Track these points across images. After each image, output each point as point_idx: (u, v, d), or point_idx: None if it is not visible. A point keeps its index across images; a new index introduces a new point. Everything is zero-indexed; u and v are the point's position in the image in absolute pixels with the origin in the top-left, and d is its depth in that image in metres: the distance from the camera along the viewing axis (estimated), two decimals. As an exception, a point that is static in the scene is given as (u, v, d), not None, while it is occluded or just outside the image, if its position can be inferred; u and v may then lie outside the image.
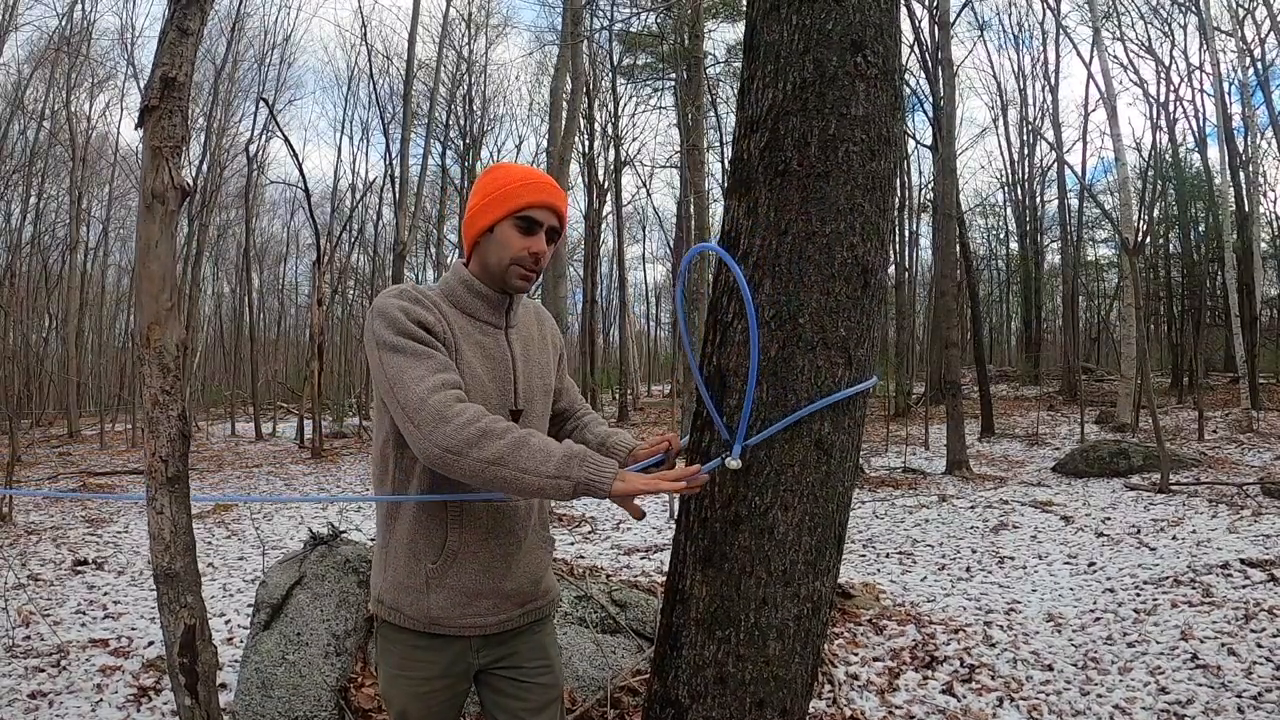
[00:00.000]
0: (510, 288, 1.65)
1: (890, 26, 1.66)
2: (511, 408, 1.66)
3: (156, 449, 1.57)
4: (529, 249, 1.62)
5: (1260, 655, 3.90)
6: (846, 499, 1.65)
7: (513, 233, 1.62)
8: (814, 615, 1.61)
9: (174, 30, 1.51)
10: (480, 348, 1.64)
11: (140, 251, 1.54)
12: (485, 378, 1.62)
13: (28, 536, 7.52)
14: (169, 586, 1.66)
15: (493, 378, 1.64)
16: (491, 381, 1.63)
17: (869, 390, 1.65)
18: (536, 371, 1.73)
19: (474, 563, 1.63)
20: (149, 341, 1.51)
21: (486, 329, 1.67)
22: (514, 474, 1.38)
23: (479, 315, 1.66)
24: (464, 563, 1.62)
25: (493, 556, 1.64)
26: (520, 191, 1.62)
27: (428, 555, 1.61)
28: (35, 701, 3.55)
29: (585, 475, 1.38)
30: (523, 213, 1.62)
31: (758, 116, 1.64)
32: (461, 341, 1.61)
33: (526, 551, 1.70)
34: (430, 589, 1.62)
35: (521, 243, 1.62)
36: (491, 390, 1.62)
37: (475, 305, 1.66)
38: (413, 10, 16.34)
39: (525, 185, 1.63)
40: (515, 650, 1.71)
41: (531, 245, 1.62)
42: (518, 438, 1.41)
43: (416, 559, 1.62)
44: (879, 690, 3.74)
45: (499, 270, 1.64)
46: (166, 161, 1.49)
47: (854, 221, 1.56)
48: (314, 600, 3.33)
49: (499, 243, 1.63)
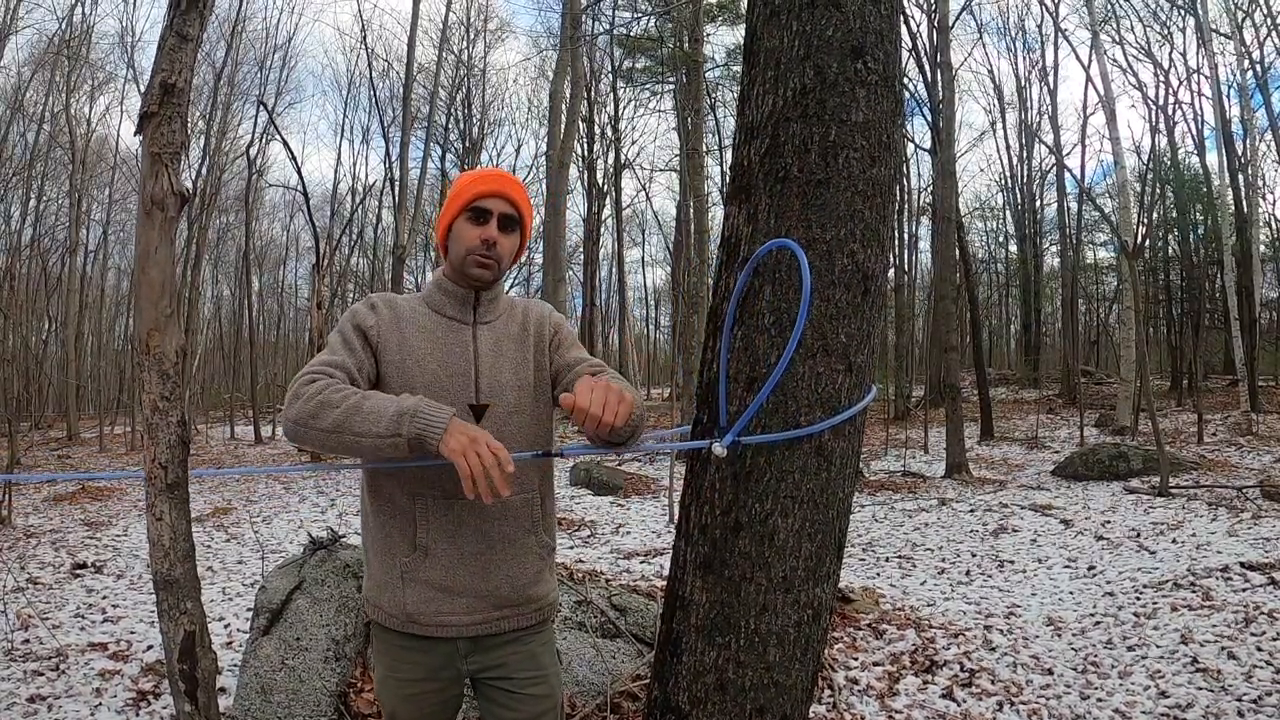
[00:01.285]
0: (471, 279, 1.71)
1: (891, 32, 1.66)
2: (471, 402, 1.66)
3: (156, 455, 1.57)
4: (480, 236, 1.69)
5: (1260, 659, 3.90)
6: (846, 505, 1.65)
7: (466, 225, 1.71)
8: (814, 622, 1.61)
9: (173, 36, 1.51)
10: (440, 343, 1.69)
11: (139, 258, 1.54)
12: (440, 372, 1.65)
13: (27, 539, 7.52)
14: (169, 593, 1.66)
15: (449, 372, 1.66)
16: (447, 376, 1.66)
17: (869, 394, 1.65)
18: (508, 366, 1.72)
19: (445, 558, 1.63)
20: (148, 348, 1.51)
21: (452, 324, 1.72)
22: (352, 439, 1.42)
23: (445, 311, 1.73)
24: (435, 558, 1.63)
25: (463, 553, 1.63)
26: (469, 185, 1.72)
27: (401, 550, 1.64)
28: (34, 705, 3.54)
29: (416, 429, 1.38)
30: (472, 204, 1.70)
31: (758, 123, 1.64)
32: (415, 340, 1.67)
33: (505, 553, 1.67)
34: (405, 584, 1.63)
35: (473, 232, 1.69)
36: (446, 384, 1.65)
37: (443, 302, 1.73)
38: (412, 14, 16.37)
39: (474, 179, 1.73)
40: (504, 661, 1.70)
41: (483, 233, 1.69)
42: (353, 403, 1.43)
43: (391, 554, 1.65)
44: (879, 695, 3.74)
45: (459, 264, 1.71)
46: (166, 168, 1.49)
47: (854, 228, 1.56)
48: (313, 605, 3.32)
49: (456, 237, 1.72)
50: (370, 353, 1.64)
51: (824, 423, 1.53)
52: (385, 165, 19.39)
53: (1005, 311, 37.37)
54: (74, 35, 21.60)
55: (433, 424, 1.38)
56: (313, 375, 1.52)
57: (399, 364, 1.64)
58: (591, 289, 26.47)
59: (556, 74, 11.58)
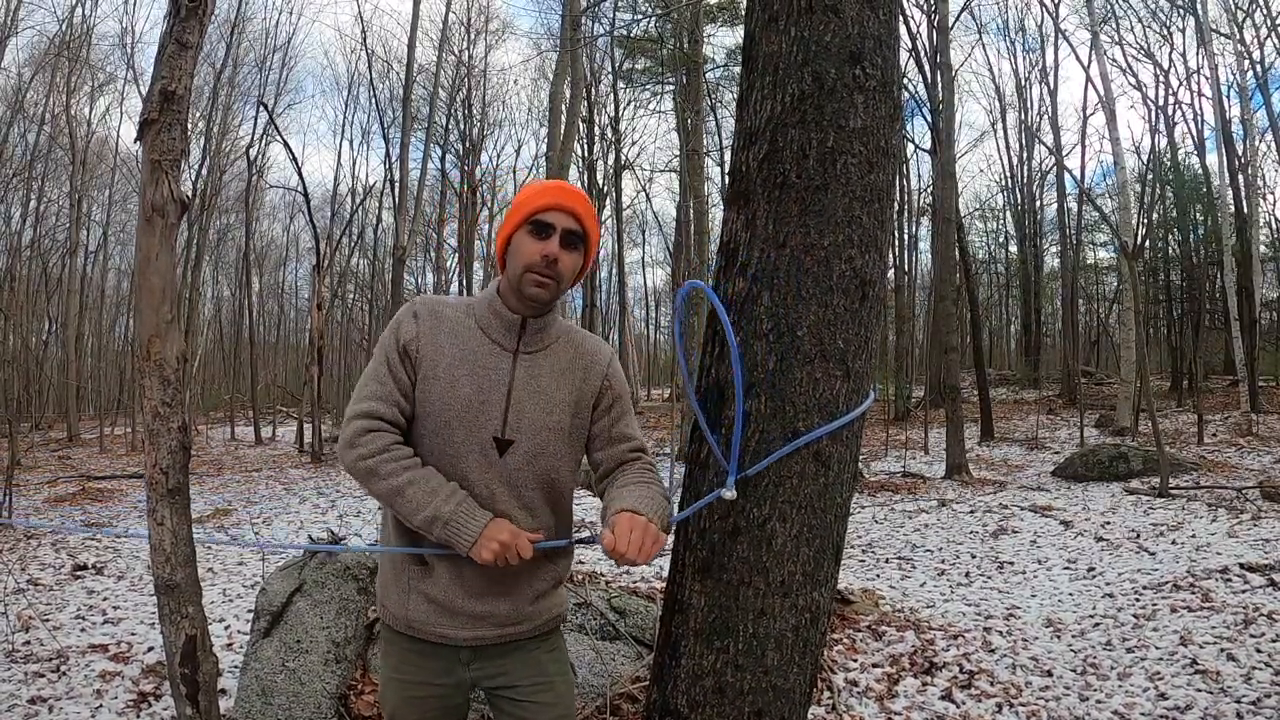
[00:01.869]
0: (526, 296, 1.62)
1: (889, 38, 1.67)
2: (496, 434, 1.60)
3: (157, 460, 1.57)
4: (541, 251, 1.59)
5: (1260, 660, 3.90)
6: (845, 510, 1.65)
7: (526, 239, 1.61)
8: (812, 625, 1.62)
9: (173, 43, 1.52)
10: (477, 367, 1.62)
11: (140, 264, 1.55)
12: (472, 398, 1.60)
13: (27, 541, 7.52)
14: (170, 597, 1.67)
15: (480, 400, 1.61)
16: (478, 404, 1.60)
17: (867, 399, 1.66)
18: (542, 405, 1.64)
19: (448, 579, 1.63)
20: (149, 354, 1.51)
21: (494, 349, 1.64)
22: (396, 512, 1.56)
23: (491, 333, 1.65)
24: (439, 575, 1.63)
25: (463, 578, 1.62)
26: (533, 198, 1.63)
27: (410, 559, 1.65)
28: (35, 707, 3.54)
29: (445, 536, 1.52)
30: (534, 216, 1.61)
31: (756, 128, 1.64)
32: (453, 358, 1.62)
33: (510, 583, 1.66)
34: (410, 592, 1.65)
35: (534, 247, 1.60)
36: (476, 412, 1.60)
37: (490, 323, 1.66)
38: (412, 15, 16.39)
39: (538, 191, 1.64)
40: (506, 669, 1.69)
41: (544, 248, 1.59)
42: (396, 486, 1.52)
43: (402, 561, 1.66)
44: (878, 697, 3.74)
45: (516, 280, 1.62)
46: (166, 175, 1.50)
47: (852, 234, 1.57)
48: (314, 607, 3.33)
49: (515, 251, 1.63)
50: (411, 368, 1.61)
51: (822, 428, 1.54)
52: (385, 166, 19.41)
53: (1005, 312, 37.37)
54: (74, 36, 21.60)
55: (460, 537, 1.51)
56: (365, 425, 1.56)
57: (432, 381, 1.60)
58: (592, 289, 26.43)
59: (556, 75, 11.58)
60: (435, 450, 1.60)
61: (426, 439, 1.61)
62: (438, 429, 1.60)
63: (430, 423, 1.60)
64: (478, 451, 1.60)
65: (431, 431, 1.60)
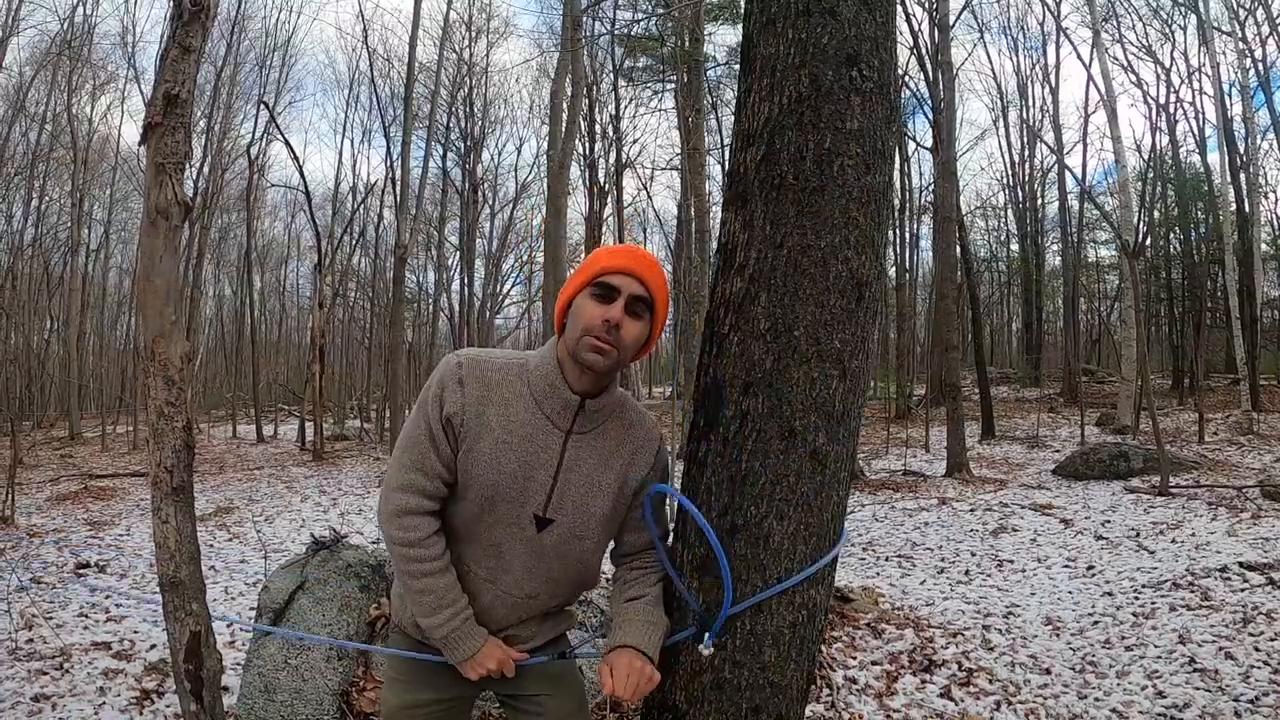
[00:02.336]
0: (583, 362, 1.52)
1: (886, 40, 1.68)
2: (537, 513, 1.58)
3: (161, 459, 1.59)
4: (602, 316, 1.50)
5: (1258, 659, 3.91)
6: (841, 508, 1.67)
7: (589, 301, 1.53)
8: (809, 623, 1.63)
9: (176, 48, 1.53)
10: (526, 442, 1.56)
11: (144, 266, 1.57)
12: (518, 473, 1.56)
13: (30, 539, 7.54)
14: (174, 594, 1.68)
15: (526, 475, 1.56)
16: (524, 479, 1.57)
17: (864, 399, 1.68)
18: (588, 490, 1.60)
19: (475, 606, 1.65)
20: (154, 354, 1.53)
21: (546, 425, 1.57)
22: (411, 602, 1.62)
23: (545, 408, 1.58)
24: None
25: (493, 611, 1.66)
26: (599, 259, 1.56)
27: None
28: (38, 704, 3.56)
29: (442, 646, 1.61)
30: (600, 279, 1.54)
31: (754, 130, 1.66)
32: (500, 431, 1.55)
33: (524, 627, 1.70)
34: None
35: (596, 310, 1.52)
36: (519, 488, 1.56)
37: (547, 398, 1.58)
38: (413, 13, 16.38)
39: (607, 253, 1.57)
40: (518, 678, 1.70)
41: (606, 312, 1.51)
42: (415, 586, 1.58)
43: None
44: (877, 694, 3.75)
45: (574, 344, 1.53)
46: (170, 178, 1.51)
47: (849, 235, 1.58)
48: (316, 605, 3.35)
49: (576, 313, 1.55)
50: (453, 438, 1.55)
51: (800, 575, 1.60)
52: (386, 164, 19.40)
53: (1007, 310, 37.36)
54: (75, 35, 21.62)
55: (455, 653, 1.60)
56: (404, 505, 1.56)
57: (476, 455, 1.55)
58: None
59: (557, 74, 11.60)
60: (472, 518, 1.60)
61: (466, 506, 1.59)
62: (479, 500, 1.57)
63: (472, 493, 1.57)
64: (515, 526, 1.59)
65: (472, 500, 1.58)
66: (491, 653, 1.61)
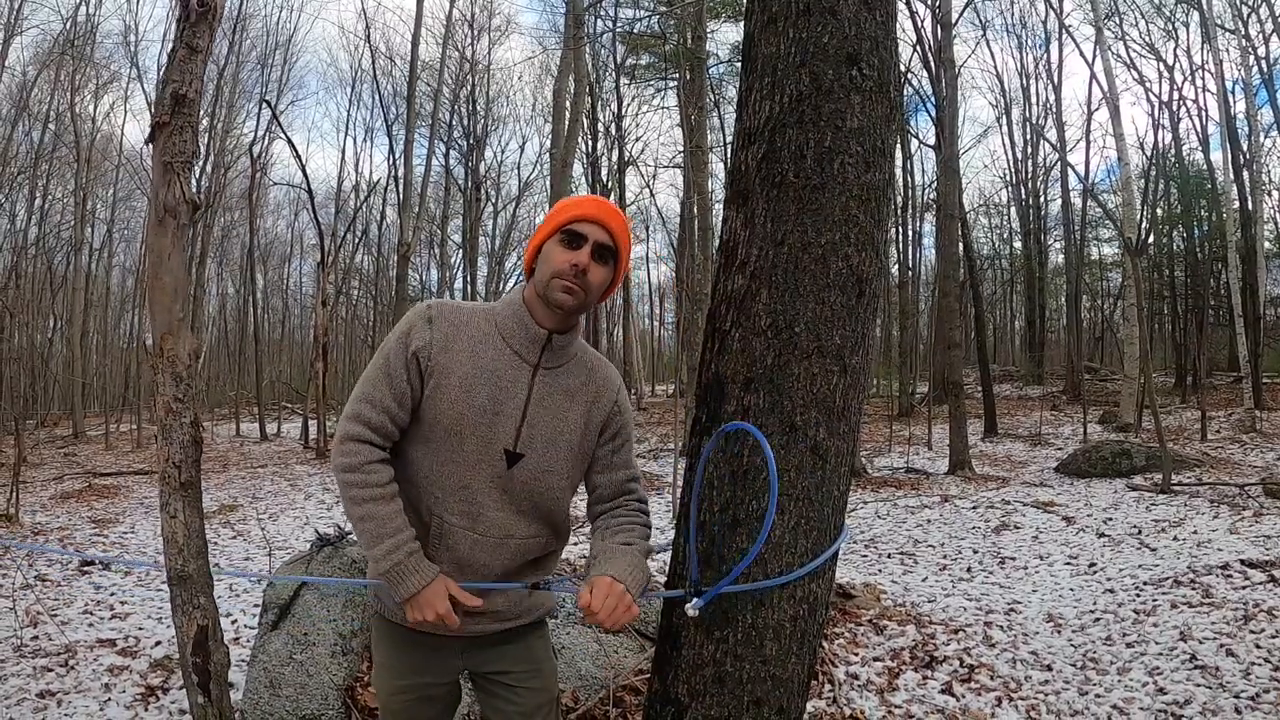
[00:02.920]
0: (553, 303, 1.62)
1: (886, 39, 1.69)
2: (506, 447, 1.63)
3: (170, 455, 1.61)
4: (570, 260, 1.61)
5: (1259, 656, 3.92)
6: (842, 503, 1.68)
7: (557, 248, 1.63)
8: (810, 616, 1.65)
9: (183, 48, 1.55)
10: (496, 376, 1.63)
11: (152, 265, 1.58)
12: (488, 407, 1.62)
13: (34, 537, 7.58)
14: (182, 588, 1.70)
15: (496, 410, 1.62)
16: (493, 414, 1.62)
17: (864, 395, 1.69)
18: (555, 424, 1.67)
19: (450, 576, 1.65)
20: (162, 351, 1.55)
21: (514, 360, 1.65)
22: (357, 535, 1.60)
23: (513, 344, 1.66)
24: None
25: (464, 574, 1.66)
26: (567, 208, 1.66)
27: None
28: (44, 700, 3.58)
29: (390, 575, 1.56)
30: (567, 226, 1.63)
31: (755, 128, 1.67)
32: (470, 365, 1.62)
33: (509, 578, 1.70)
34: None
35: (564, 256, 1.62)
36: (487, 422, 1.62)
37: (514, 333, 1.66)
38: (416, 11, 16.39)
39: (574, 203, 1.67)
40: (503, 655, 1.74)
41: (574, 257, 1.61)
42: (356, 514, 1.57)
43: None
44: (878, 690, 3.77)
45: (544, 287, 1.63)
46: (178, 176, 1.53)
47: (849, 232, 1.60)
48: (321, 601, 3.37)
49: (545, 259, 1.65)
50: (418, 375, 1.61)
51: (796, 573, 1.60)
52: (389, 162, 19.43)
53: (1010, 308, 37.31)
54: (78, 34, 21.66)
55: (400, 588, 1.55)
56: (350, 432, 1.59)
57: (444, 390, 1.60)
58: (596, 285, 26.37)
59: (559, 74, 11.60)
60: (442, 456, 1.62)
61: (435, 444, 1.62)
62: (448, 436, 1.61)
63: (440, 430, 1.61)
64: (485, 462, 1.62)
65: (441, 438, 1.61)
66: (439, 591, 1.56)
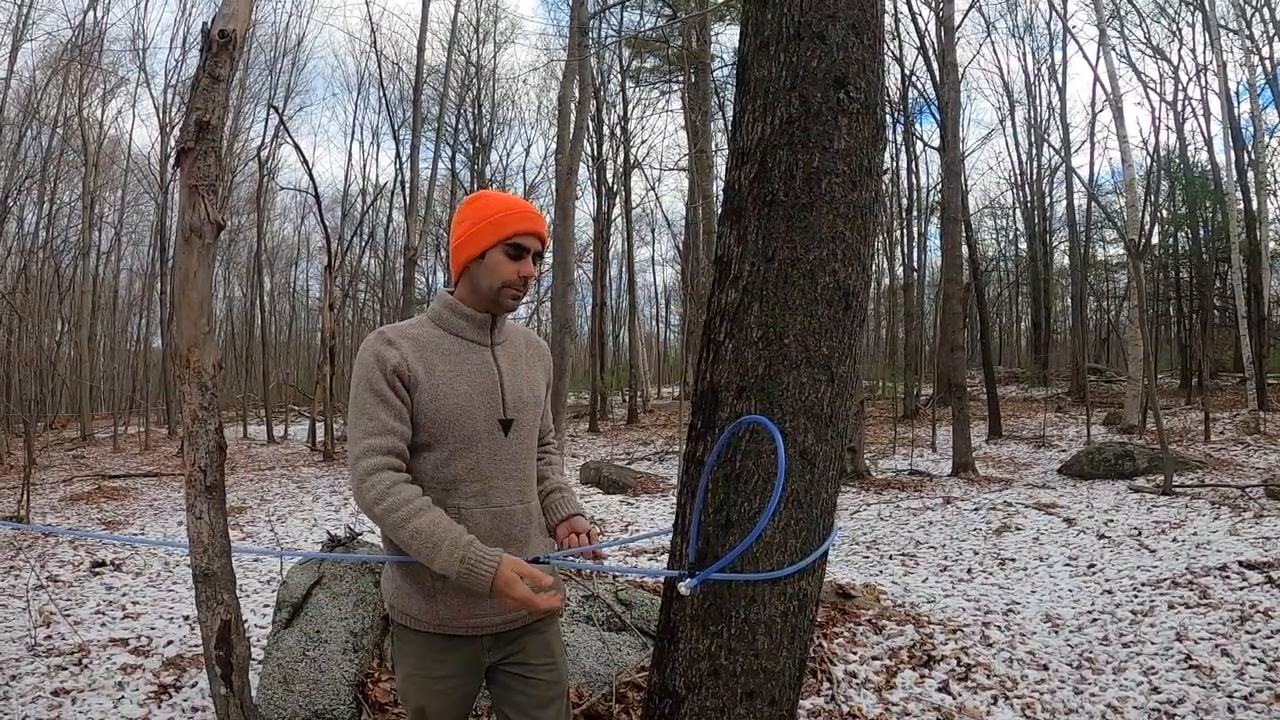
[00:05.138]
0: (503, 308, 1.80)
1: (873, 62, 1.77)
2: (501, 417, 1.77)
3: (196, 460, 1.69)
4: (519, 273, 1.76)
5: (1253, 656, 3.96)
6: (831, 505, 1.76)
7: (503, 259, 1.76)
8: (800, 612, 1.73)
9: (206, 77, 1.64)
10: (465, 364, 1.77)
11: (180, 281, 1.67)
12: (471, 391, 1.75)
13: (45, 538, 7.67)
14: (206, 585, 1.79)
15: (479, 391, 1.76)
16: (478, 395, 1.75)
17: (851, 402, 1.77)
18: (525, 385, 1.85)
19: None
20: (188, 363, 1.63)
21: (473, 347, 1.80)
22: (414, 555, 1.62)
23: (465, 335, 1.80)
24: None
25: None
26: (508, 220, 1.76)
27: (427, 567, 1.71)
28: (58, 699, 3.65)
29: (463, 572, 1.57)
30: (512, 240, 1.75)
31: (748, 148, 1.75)
32: (440, 364, 1.74)
33: (528, 554, 1.77)
34: (437, 593, 1.73)
35: (512, 267, 1.76)
36: (477, 403, 1.75)
37: (462, 326, 1.80)
38: (422, 17, 16.50)
39: (511, 214, 1.77)
40: (523, 647, 1.81)
41: (521, 269, 1.76)
42: (411, 530, 1.59)
43: (422, 565, 1.68)
44: (876, 688, 3.83)
45: (491, 293, 1.77)
46: (203, 199, 1.62)
47: (836, 249, 1.68)
48: (333, 599, 3.46)
49: (490, 268, 1.76)
50: (405, 389, 1.70)
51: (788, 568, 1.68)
52: (396, 166, 19.54)
53: (1015, 309, 37.29)
54: (86, 40, 21.82)
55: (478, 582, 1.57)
56: (371, 466, 1.64)
57: (430, 390, 1.70)
58: (601, 288, 26.50)
59: (564, 80, 11.68)
60: (446, 449, 1.71)
61: (436, 441, 1.71)
62: (449, 424, 1.71)
63: (439, 425, 1.71)
64: (487, 436, 1.75)
65: (440, 432, 1.71)
66: (507, 577, 1.58)
